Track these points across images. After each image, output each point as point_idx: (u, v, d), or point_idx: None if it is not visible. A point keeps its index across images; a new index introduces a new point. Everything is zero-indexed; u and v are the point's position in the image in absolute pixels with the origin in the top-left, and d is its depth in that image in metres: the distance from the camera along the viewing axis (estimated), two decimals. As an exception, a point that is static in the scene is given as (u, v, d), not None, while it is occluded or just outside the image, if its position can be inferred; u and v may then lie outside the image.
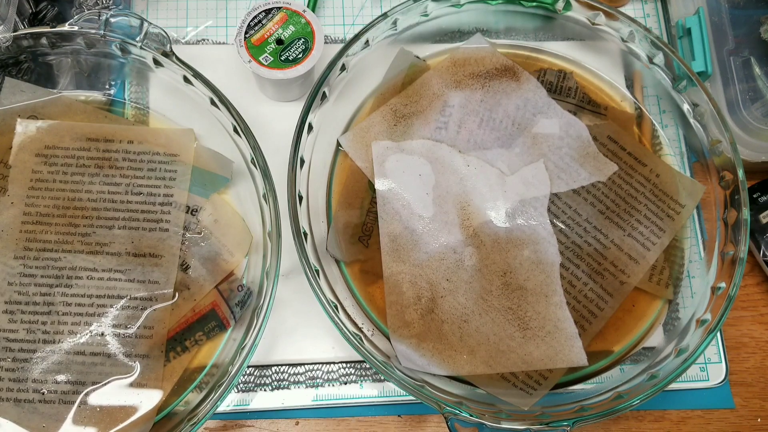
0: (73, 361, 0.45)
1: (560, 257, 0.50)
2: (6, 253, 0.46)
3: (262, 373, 0.49)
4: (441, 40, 0.56)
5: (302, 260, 0.45)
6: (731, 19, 0.55)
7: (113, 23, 0.49)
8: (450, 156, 0.51)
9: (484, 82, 0.54)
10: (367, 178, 0.51)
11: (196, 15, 0.57)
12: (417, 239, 0.49)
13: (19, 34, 0.49)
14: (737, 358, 0.53)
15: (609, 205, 0.51)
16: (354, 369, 0.50)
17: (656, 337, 0.50)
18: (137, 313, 0.46)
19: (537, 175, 0.52)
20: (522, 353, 0.47)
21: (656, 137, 0.55)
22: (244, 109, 0.48)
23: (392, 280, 0.48)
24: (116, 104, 0.52)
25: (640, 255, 0.50)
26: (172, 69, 0.49)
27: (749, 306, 0.54)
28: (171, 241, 0.48)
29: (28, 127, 0.49)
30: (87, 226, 0.48)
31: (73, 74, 0.52)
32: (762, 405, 0.52)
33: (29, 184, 0.48)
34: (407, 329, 0.47)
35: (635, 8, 0.60)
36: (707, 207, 0.52)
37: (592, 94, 0.55)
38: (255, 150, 0.47)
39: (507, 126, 0.53)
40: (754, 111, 0.52)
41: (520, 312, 0.48)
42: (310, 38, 0.50)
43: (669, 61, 0.52)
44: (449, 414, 0.42)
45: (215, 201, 0.50)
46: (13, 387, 0.44)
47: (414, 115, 0.52)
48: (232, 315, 0.47)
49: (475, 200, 0.50)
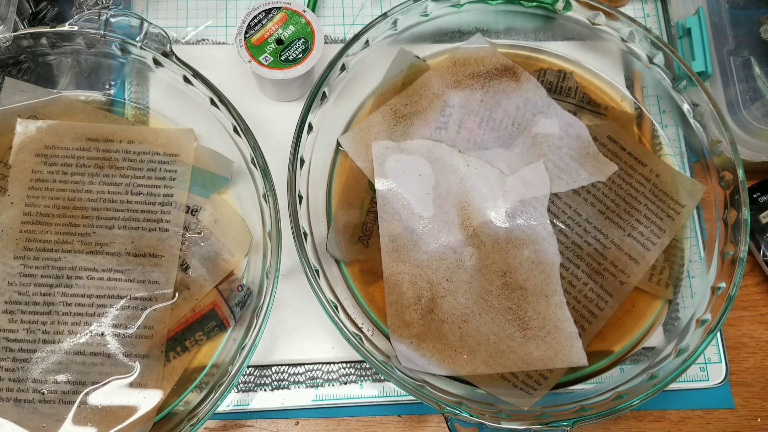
0: (73, 361, 0.45)
1: (560, 257, 0.50)
2: (6, 253, 0.46)
3: (262, 373, 0.49)
4: (441, 40, 0.56)
5: (302, 260, 0.45)
6: (731, 19, 0.55)
7: (113, 23, 0.49)
8: (450, 156, 0.51)
9: (484, 82, 0.54)
10: (367, 178, 0.51)
11: (196, 15, 0.57)
12: (417, 239, 0.49)
13: (19, 34, 0.49)
14: (737, 358, 0.53)
15: (609, 205, 0.51)
16: (354, 369, 0.50)
17: (656, 337, 0.50)
18: (137, 313, 0.46)
19: (537, 175, 0.52)
20: (522, 353, 0.47)
21: (656, 137, 0.55)
22: (244, 109, 0.48)
23: (392, 280, 0.48)
24: (116, 104, 0.52)
25: (640, 255, 0.50)
26: (172, 69, 0.49)
27: (749, 306, 0.54)
28: (171, 241, 0.48)
29: (28, 127, 0.49)
30: (87, 226, 0.48)
31: (73, 74, 0.52)
32: (762, 405, 0.52)
33: (29, 184, 0.48)
34: (407, 329, 0.47)
35: (635, 8, 0.60)
36: (707, 207, 0.52)
37: (592, 94, 0.55)
38: (255, 150, 0.47)
39: (507, 126, 0.53)
40: (754, 111, 0.52)
41: (520, 312, 0.48)
42: (310, 38, 0.50)
43: (669, 61, 0.52)
44: (449, 414, 0.42)
45: (215, 201, 0.50)
46: (13, 387, 0.44)
47: (414, 115, 0.52)
48: (232, 315, 0.47)
49: (475, 200, 0.50)
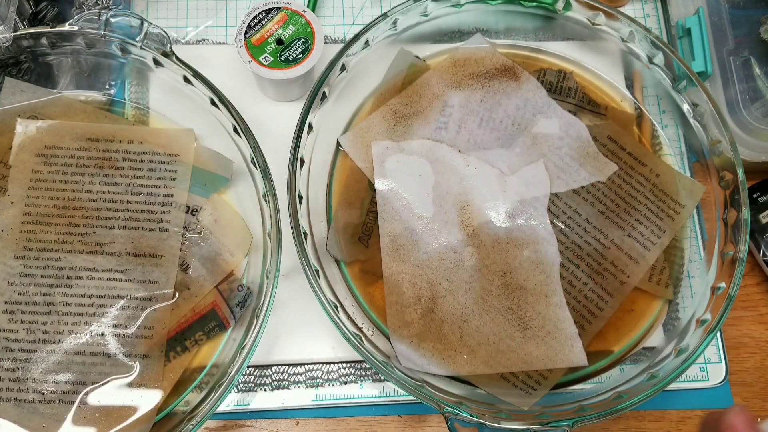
0: (73, 361, 0.45)
1: (560, 257, 0.50)
2: (6, 253, 0.46)
3: (262, 373, 0.49)
4: (441, 40, 0.56)
5: (302, 260, 0.45)
6: (731, 19, 0.55)
7: (113, 23, 0.49)
8: (450, 156, 0.51)
9: (484, 82, 0.54)
10: (367, 178, 0.51)
11: (196, 15, 0.57)
12: (417, 239, 0.49)
13: (19, 34, 0.49)
14: (737, 358, 0.53)
15: (609, 205, 0.51)
16: (354, 369, 0.50)
17: (656, 337, 0.50)
18: (137, 313, 0.46)
19: (537, 175, 0.52)
20: (522, 353, 0.47)
21: (656, 137, 0.55)
22: (244, 109, 0.48)
23: (392, 280, 0.48)
24: (116, 104, 0.52)
25: (640, 255, 0.50)
26: (172, 69, 0.49)
27: (749, 306, 0.54)
28: (171, 241, 0.48)
29: (28, 127, 0.49)
30: (87, 226, 0.48)
31: (73, 74, 0.52)
32: (762, 405, 0.52)
33: (29, 184, 0.48)
34: (407, 329, 0.47)
35: (635, 8, 0.60)
36: (707, 207, 0.52)
37: (592, 94, 0.55)
38: (255, 150, 0.47)
39: (507, 126, 0.53)
40: (754, 111, 0.52)
41: (520, 312, 0.48)
42: (310, 38, 0.50)
43: (669, 61, 0.52)
44: (449, 414, 0.42)
45: (215, 201, 0.50)
46: (13, 387, 0.44)
47: (414, 115, 0.52)
48: (232, 315, 0.47)
49: (475, 200, 0.50)
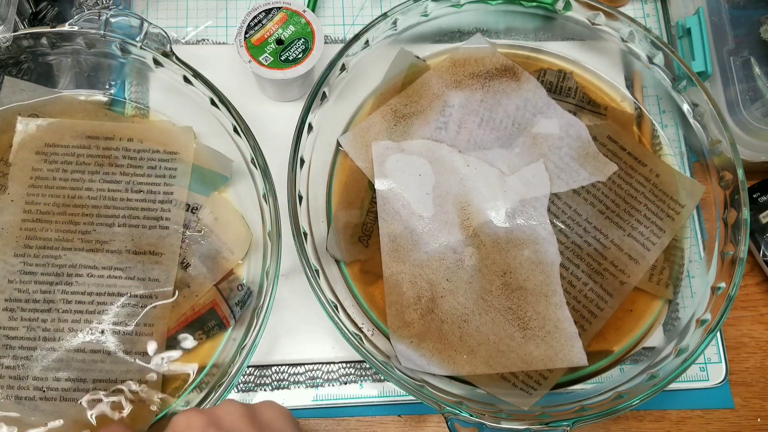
0: (74, 358, 0.45)
1: (560, 257, 0.50)
2: (6, 251, 0.46)
3: (262, 373, 0.49)
4: (441, 40, 0.56)
5: (302, 260, 0.45)
6: (731, 19, 0.55)
7: (113, 23, 0.49)
8: (450, 156, 0.51)
9: (484, 82, 0.54)
10: (367, 178, 0.51)
11: (196, 15, 0.57)
12: (417, 239, 0.49)
13: (19, 34, 0.49)
14: (737, 358, 0.53)
15: (609, 205, 0.51)
16: (354, 369, 0.50)
17: (656, 337, 0.50)
18: (137, 311, 0.46)
19: (537, 175, 0.52)
20: (522, 353, 0.47)
21: (656, 137, 0.55)
22: (244, 109, 0.48)
23: (392, 280, 0.48)
24: (116, 104, 0.52)
25: (640, 255, 0.50)
26: (172, 69, 0.49)
27: (749, 306, 0.54)
28: (171, 239, 0.48)
29: (29, 125, 0.49)
30: (87, 224, 0.48)
31: (73, 74, 0.52)
32: (762, 405, 0.52)
33: (29, 182, 0.48)
34: (407, 329, 0.47)
35: (635, 8, 0.60)
36: (707, 207, 0.52)
37: (592, 94, 0.55)
38: (255, 150, 0.47)
39: (507, 126, 0.53)
40: (754, 111, 0.52)
41: (520, 312, 0.48)
42: (310, 38, 0.50)
43: (669, 61, 0.52)
44: (449, 414, 0.42)
45: (215, 199, 0.50)
46: (14, 384, 0.44)
47: (414, 115, 0.52)
48: (231, 314, 0.47)
49: (475, 200, 0.50)
